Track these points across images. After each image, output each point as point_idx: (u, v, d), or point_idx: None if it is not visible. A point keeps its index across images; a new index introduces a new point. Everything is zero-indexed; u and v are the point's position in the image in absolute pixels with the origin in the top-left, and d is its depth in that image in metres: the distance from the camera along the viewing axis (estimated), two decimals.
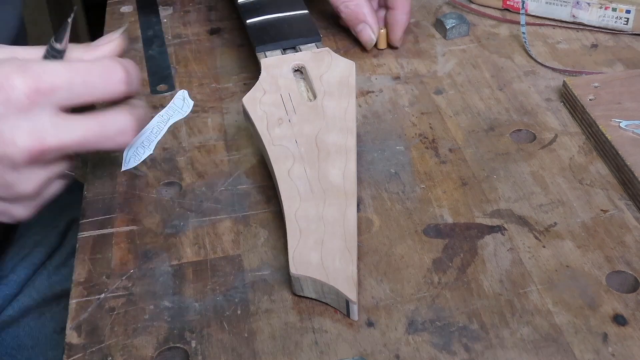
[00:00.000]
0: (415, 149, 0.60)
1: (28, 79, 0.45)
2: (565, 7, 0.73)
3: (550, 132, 0.61)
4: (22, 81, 0.45)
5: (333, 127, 0.55)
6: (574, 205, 0.54)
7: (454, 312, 0.47)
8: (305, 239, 0.48)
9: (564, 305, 0.47)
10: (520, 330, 0.46)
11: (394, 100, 0.65)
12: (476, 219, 0.53)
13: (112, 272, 0.50)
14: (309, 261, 0.47)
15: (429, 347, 0.45)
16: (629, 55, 0.69)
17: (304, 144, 0.54)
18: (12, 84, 0.45)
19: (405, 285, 0.49)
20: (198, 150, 0.61)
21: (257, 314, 0.47)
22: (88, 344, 0.46)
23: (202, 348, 0.46)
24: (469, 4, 0.77)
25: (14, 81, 0.45)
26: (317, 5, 0.75)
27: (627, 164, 0.54)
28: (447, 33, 0.73)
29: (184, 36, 0.75)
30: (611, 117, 0.59)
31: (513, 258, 0.50)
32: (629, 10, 0.71)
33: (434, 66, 0.69)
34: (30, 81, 0.45)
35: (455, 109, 0.64)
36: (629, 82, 0.62)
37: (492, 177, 0.57)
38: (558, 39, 0.72)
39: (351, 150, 0.54)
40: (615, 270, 0.49)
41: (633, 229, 0.52)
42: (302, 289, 0.48)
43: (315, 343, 0.46)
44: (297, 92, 0.58)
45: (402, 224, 0.53)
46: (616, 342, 0.45)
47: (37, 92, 0.45)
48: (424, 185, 0.56)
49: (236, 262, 0.51)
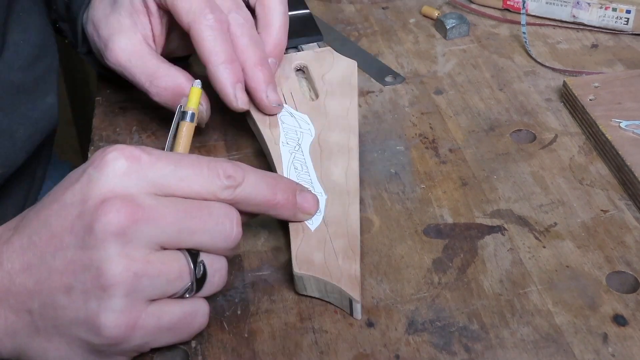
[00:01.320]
0: (415, 149, 0.60)
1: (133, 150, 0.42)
2: (566, 7, 0.73)
3: (550, 132, 0.61)
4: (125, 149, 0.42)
5: (335, 126, 0.55)
6: (574, 205, 0.54)
7: (454, 312, 0.47)
8: (308, 238, 0.48)
9: (564, 305, 0.47)
10: (520, 330, 0.46)
11: (394, 100, 0.65)
12: (476, 219, 0.53)
13: None
14: (312, 260, 0.47)
15: (429, 347, 0.45)
16: (629, 55, 0.69)
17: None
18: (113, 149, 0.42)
19: (405, 285, 0.49)
20: (198, 150, 0.61)
21: (257, 314, 0.47)
22: None
23: (202, 348, 0.46)
24: (469, 4, 0.77)
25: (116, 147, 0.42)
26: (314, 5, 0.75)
27: (627, 164, 0.54)
28: (447, 33, 0.73)
29: None
30: (611, 117, 0.59)
31: (513, 258, 0.50)
32: (629, 10, 0.71)
33: (434, 66, 0.69)
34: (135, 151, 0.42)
35: (455, 109, 0.64)
36: (629, 82, 0.62)
37: (492, 177, 0.57)
38: (558, 39, 0.72)
39: (353, 149, 0.54)
40: (615, 270, 0.49)
41: (633, 229, 0.52)
42: (306, 288, 0.48)
43: (315, 343, 0.46)
44: (299, 91, 0.58)
45: (402, 224, 0.53)
46: (616, 342, 0.45)
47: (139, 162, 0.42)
48: (424, 185, 0.56)
49: (236, 262, 0.51)
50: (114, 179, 0.41)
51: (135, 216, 0.40)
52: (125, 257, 0.40)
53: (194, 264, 0.43)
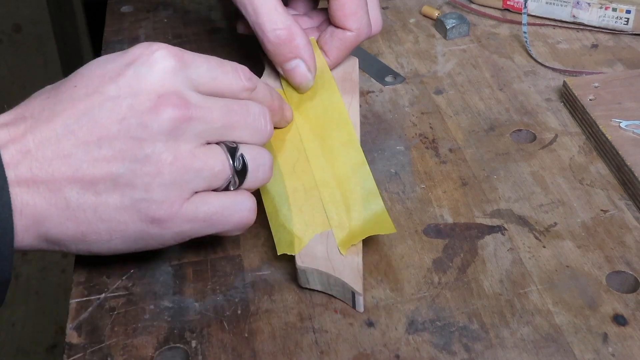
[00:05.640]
0: (415, 149, 0.60)
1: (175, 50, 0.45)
2: (566, 7, 0.73)
3: (550, 132, 0.61)
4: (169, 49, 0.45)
5: None
6: (574, 205, 0.54)
7: (454, 312, 0.47)
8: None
9: (564, 305, 0.47)
10: (520, 330, 0.46)
11: (394, 100, 0.65)
12: (476, 219, 0.53)
13: (113, 272, 0.50)
14: (315, 253, 0.47)
15: (429, 347, 0.45)
16: (629, 55, 0.70)
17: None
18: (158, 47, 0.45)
19: (405, 285, 0.49)
20: None
21: (257, 313, 0.48)
22: (88, 344, 0.46)
23: (202, 348, 0.46)
24: (469, 4, 0.77)
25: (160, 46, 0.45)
26: None
27: (627, 164, 0.54)
28: (448, 33, 0.73)
29: (184, 36, 0.75)
30: (611, 117, 0.59)
31: (513, 258, 0.50)
32: (629, 10, 0.71)
33: (434, 66, 0.69)
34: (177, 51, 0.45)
35: (455, 109, 0.64)
36: (629, 82, 0.62)
37: (492, 177, 0.57)
38: (558, 39, 0.72)
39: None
40: (615, 270, 0.49)
41: (633, 229, 0.52)
42: (308, 281, 0.48)
43: (316, 343, 0.46)
44: None
45: (402, 224, 0.53)
46: (616, 342, 0.45)
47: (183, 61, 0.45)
48: (424, 185, 0.56)
49: (236, 262, 0.51)
50: (165, 76, 0.44)
51: (188, 113, 0.43)
52: (175, 151, 0.43)
53: (232, 158, 0.45)
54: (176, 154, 0.43)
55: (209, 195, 0.45)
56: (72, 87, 0.44)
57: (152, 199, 0.43)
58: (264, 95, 0.50)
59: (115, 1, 0.81)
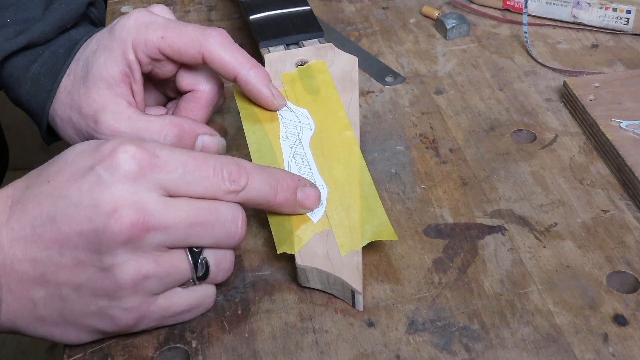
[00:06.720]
0: (415, 149, 0.60)
1: (143, 152, 0.43)
2: (566, 7, 0.73)
3: (550, 132, 0.61)
4: (135, 150, 0.42)
5: None
6: (574, 205, 0.54)
7: (455, 312, 0.47)
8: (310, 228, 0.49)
9: (564, 305, 0.47)
10: (520, 330, 0.46)
11: (394, 100, 0.65)
12: (476, 219, 0.53)
13: None
14: (315, 252, 0.48)
15: (429, 347, 0.45)
16: (629, 55, 0.70)
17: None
18: (124, 149, 0.42)
19: (405, 285, 0.49)
20: None
21: (257, 314, 0.47)
22: (88, 344, 0.46)
23: (203, 348, 0.46)
24: (469, 4, 0.77)
25: (127, 147, 0.42)
26: None
27: (627, 164, 0.54)
28: (448, 33, 0.73)
29: None
30: (611, 117, 0.59)
31: (513, 258, 0.50)
32: (630, 10, 0.71)
33: (435, 66, 0.69)
34: (145, 153, 0.43)
35: (455, 109, 0.64)
36: (629, 82, 0.62)
37: (493, 177, 0.57)
38: (558, 39, 0.72)
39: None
40: (615, 270, 0.49)
41: (633, 229, 0.52)
42: (308, 280, 0.48)
43: (316, 343, 0.46)
44: None
45: (402, 224, 0.53)
46: (616, 342, 0.45)
47: (149, 165, 0.42)
48: (425, 185, 0.56)
49: (236, 262, 0.51)
50: (125, 184, 0.42)
51: (146, 225, 0.42)
52: (135, 262, 0.42)
53: (195, 263, 0.44)
54: (136, 265, 0.42)
55: (174, 293, 0.45)
56: (45, 182, 0.43)
57: (118, 306, 0.43)
58: (258, 191, 0.46)
59: (116, 1, 0.81)
